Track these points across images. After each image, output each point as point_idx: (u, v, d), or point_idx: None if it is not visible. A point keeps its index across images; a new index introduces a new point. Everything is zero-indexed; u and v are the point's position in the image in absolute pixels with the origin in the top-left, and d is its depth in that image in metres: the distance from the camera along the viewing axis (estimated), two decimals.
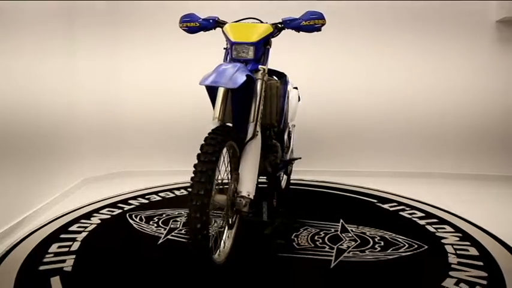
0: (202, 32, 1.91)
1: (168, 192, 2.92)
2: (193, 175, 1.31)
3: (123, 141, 3.43)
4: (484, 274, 1.56)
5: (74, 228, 2.14)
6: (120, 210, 2.48)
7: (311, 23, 1.74)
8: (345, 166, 3.37)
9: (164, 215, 2.38)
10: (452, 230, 2.06)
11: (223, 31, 1.79)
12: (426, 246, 1.85)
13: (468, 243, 1.88)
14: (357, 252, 1.81)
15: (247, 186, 1.52)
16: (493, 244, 1.87)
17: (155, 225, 2.22)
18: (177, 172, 3.36)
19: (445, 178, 3.25)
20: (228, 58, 1.76)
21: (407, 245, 1.88)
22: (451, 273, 1.58)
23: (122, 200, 2.71)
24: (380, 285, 1.53)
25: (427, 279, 1.55)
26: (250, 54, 1.67)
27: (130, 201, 2.67)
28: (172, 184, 3.12)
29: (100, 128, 3.25)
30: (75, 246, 1.90)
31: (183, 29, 1.93)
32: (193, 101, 3.06)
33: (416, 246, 1.86)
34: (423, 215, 2.33)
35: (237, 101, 1.66)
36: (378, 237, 1.98)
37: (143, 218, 2.34)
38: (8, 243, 1.95)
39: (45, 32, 2.57)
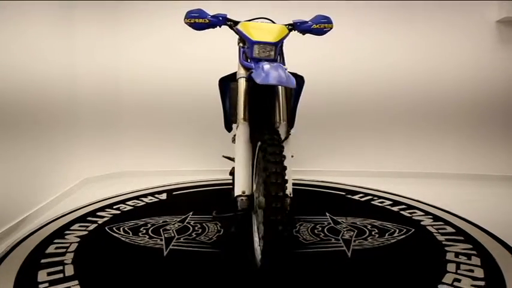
0: (210, 29, 1.83)
1: (136, 201, 2.68)
2: (264, 177, 1.27)
3: (123, 140, 3.40)
4: (470, 246, 1.88)
5: (51, 250, 1.83)
6: (95, 225, 2.20)
7: (321, 27, 1.83)
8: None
9: (149, 225, 2.20)
10: (423, 214, 2.39)
11: (238, 29, 1.75)
12: (413, 229, 2.11)
13: (442, 223, 2.22)
14: (362, 241, 1.97)
15: (288, 186, 1.53)
16: (458, 221, 2.23)
17: (147, 236, 2.03)
18: (177, 172, 3.41)
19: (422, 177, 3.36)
20: (242, 57, 1.73)
21: (397, 230, 2.11)
22: (446, 248, 1.85)
23: (88, 212, 2.40)
24: (399, 266, 1.69)
25: (431, 256, 1.78)
26: (272, 54, 1.68)
27: (99, 214, 2.38)
28: (138, 191, 2.90)
29: (100, 126, 3.25)
30: (69, 270, 1.64)
31: (189, 25, 1.82)
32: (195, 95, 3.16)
33: (405, 230, 2.11)
34: (391, 202, 2.64)
35: (261, 101, 1.66)
36: (370, 226, 2.18)
37: (127, 230, 2.12)
38: (8, 243, 1.92)
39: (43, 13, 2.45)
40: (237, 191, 1.50)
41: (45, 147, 2.51)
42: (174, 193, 2.91)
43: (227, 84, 1.86)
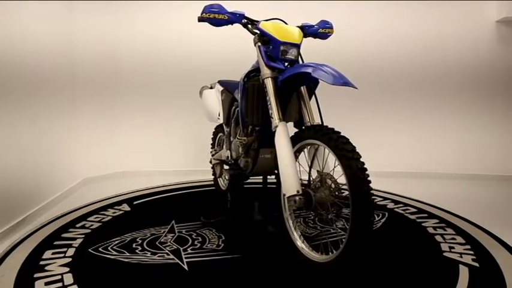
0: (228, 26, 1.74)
1: (97, 215, 2.32)
2: (351, 174, 1.29)
3: (123, 139, 3.45)
4: (437, 220, 2.27)
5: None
6: (73, 248, 1.82)
7: (325, 31, 1.94)
8: None
9: (139, 240, 1.95)
10: (381, 199, 2.76)
11: (260, 29, 1.71)
12: (387, 213, 2.43)
13: (402, 205, 2.61)
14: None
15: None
16: (413, 203, 2.66)
17: (148, 253, 1.80)
18: (178, 172, 3.45)
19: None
20: (265, 57, 1.70)
21: (376, 215, 2.40)
22: (423, 224, 2.20)
23: (50, 236, 1.97)
24: (403, 244, 1.91)
25: (418, 233, 2.08)
26: (296, 55, 1.70)
27: (66, 236, 1.98)
28: (94, 203, 2.51)
29: (99, 121, 3.28)
30: None
31: (207, 20, 1.68)
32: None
33: (381, 214, 2.41)
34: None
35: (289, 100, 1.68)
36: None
37: (118, 249, 1.83)
38: (8, 243, 1.89)
39: None
40: (291, 191, 1.48)
41: (44, 144, 2.50)
42: (135, 202, 2.62)
43: (243, 83, 1.80)
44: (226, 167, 2.64)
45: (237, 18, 1.75)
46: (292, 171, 1.49)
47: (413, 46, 3.38)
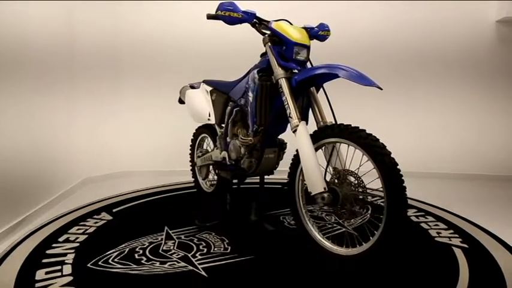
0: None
1: (79, 227, 2.10)
2: (386, 169, 1.34)
3: (123, 138, 3.41)
4: (416, 210, 2.47)
5: None
6: (68, 265, 1.63)
7: (324, 34, 2.00)
8: None
9: (139, 249, 1.81)
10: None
11: (273, 29, 1.70)
12: (371, 207, 2.57)
13: (379, 197, 2.79)
14: (350, 222, 2.27)
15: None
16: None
17: (156, 262, 1.68)
18: (179, 172, 3.35)
19: None
20: (278, 57, 1.70)
21: (363, 209, 2.53)
22: (408, 214, 2.38)
23: (35, 254, 1.73)
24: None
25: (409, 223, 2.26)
26: (306, 56, 1.72)
27: (51, 252, 1.76)
28: (69, 213, 2.26)
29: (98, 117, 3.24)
30: None
31: (222, 17, 1.62)
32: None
33: (365, 208, 2.55)
34: None
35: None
36: None
37: (120, 261, 1.68)
38: (8, 243, 1.88)
39: None
40: (318, 189, 1.50)
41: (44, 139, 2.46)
42: (115, 210, 2.42)
43: (258, 83, 1.77)
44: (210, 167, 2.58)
45: (249, 17, 1.73)
46: (317, 169, 1.52)
47: (413, 46, 3.33)
